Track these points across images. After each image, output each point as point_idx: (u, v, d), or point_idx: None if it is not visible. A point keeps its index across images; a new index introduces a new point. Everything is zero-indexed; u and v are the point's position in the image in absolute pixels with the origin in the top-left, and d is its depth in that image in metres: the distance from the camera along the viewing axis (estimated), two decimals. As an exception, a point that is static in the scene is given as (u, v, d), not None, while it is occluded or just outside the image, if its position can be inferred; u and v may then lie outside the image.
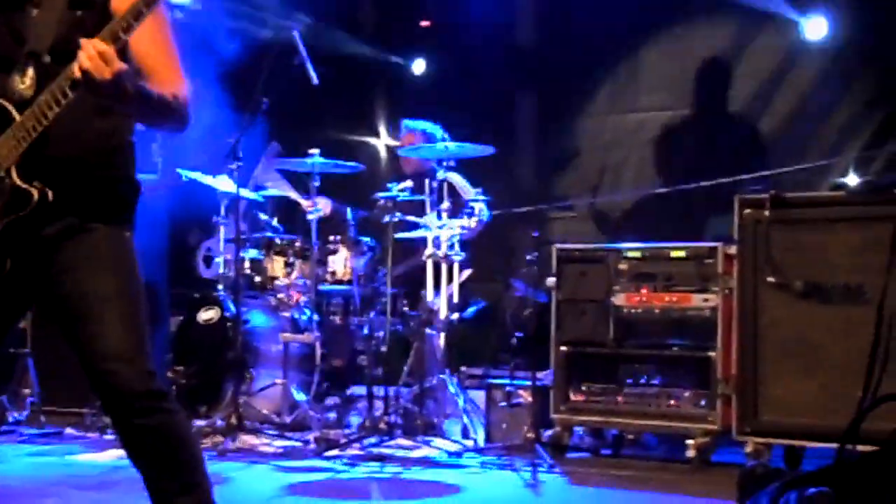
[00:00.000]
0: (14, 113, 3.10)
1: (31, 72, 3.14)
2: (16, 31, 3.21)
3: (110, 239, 3.26)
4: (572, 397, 6.44)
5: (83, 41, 2.96)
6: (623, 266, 6.39)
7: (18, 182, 3.10)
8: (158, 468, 3.24)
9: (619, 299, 6.36)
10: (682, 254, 6.29)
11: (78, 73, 2.95)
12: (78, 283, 3.20)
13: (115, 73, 2.95)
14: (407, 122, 8.26)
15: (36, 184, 3.11)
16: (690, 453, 6.00)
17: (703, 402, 6.10)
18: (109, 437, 6.57)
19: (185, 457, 3.28)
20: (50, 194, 3.12)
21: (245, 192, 7.38)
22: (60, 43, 3.11)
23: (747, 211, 5.89)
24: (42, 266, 3.20)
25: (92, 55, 2.93)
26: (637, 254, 6.40)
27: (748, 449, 5.79)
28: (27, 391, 7.27)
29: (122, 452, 5.60)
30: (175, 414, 3.27)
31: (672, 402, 6.18)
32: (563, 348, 6.48)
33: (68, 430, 6.99)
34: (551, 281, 6.52)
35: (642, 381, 6.29)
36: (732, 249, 6.02)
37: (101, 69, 2.94)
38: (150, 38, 3.26)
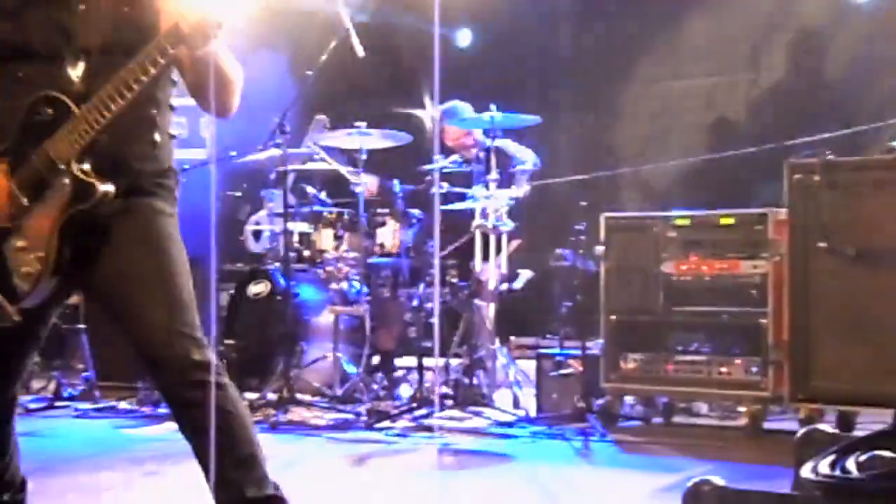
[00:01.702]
0: (73, 106, 3.12)
1: (82, 67, 3.15)
2: (62, 26, 3.22)
3: (154, 218, 3.28)
4: (622, 366, 6.43)
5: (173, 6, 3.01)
6: (672, 234, 6.37)
7: (81, 175, 3.12)
8: (210, 441, 3.25)
9: (667, 267, 6.34)
10: (731, 220, 6.25)
11: (186, 28, 3.00)
12: (124, 262, 3.22)
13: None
14: (445, 107, 8.21)
15: (97, 177, 3.13)
16: (742, 420, 5.99)
17: (754, 369, 6.07)
18: (163, 410, 6.62)
19: (237, 429, 3.28)
20: (111, 190, 3.15)
21: (293, 166, 7.39)
22: (110, 39, 3.13)
23: (797, 176, 5.84)
24: (90, 249, 3.23)
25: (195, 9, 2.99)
26: (686, 221, 6.37)
27: (801, 415, 5.76)
28: (81, 366, 7.34)
29: (174, 426, 5.71)
30: (226, 387, 3.27)
31: (723, 369, 6.16)
32: (612, 317, 6.47)
33: (122, 405, 7.04)
34: (600, 250, 6.51)
35: (692, 348, 6.27)
36: (782, 215, 5.99)
37: (210, 28, 3.01)
38: None
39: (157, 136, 3.33)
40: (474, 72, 9.33)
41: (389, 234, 7.38)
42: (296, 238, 7.39)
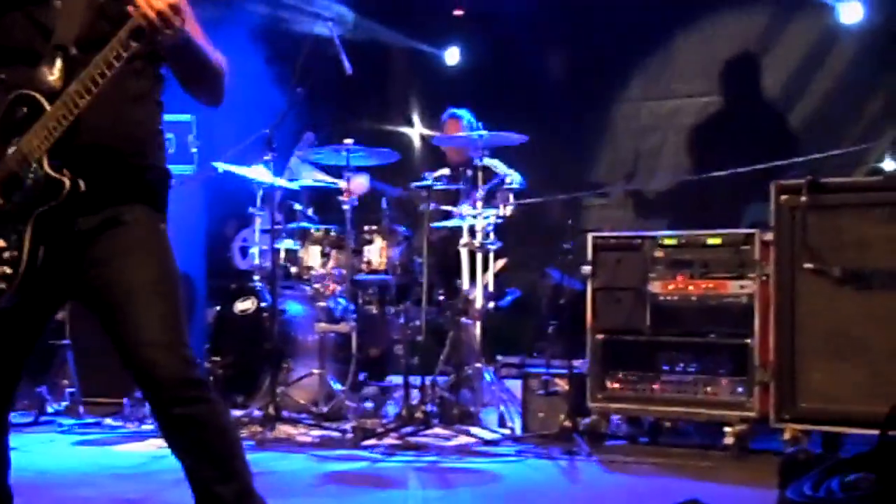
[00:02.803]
0: (45, 104, 3.12)
1: (59, 63, 3.14)
2: (41, 24, 3.22)
3: (144, 230, 3.28)
4: (609, 385, 6.43)
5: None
6: (659, 253, 6.38)
7: (50, 171, 3.11)
8: (198, 457, 3.25)
9: (655, 287, 6.35)
10: (718, 241, 6.26)
11: (150, 15, 2.98)
12: (114, 275, 3.21)
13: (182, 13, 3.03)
14: (453, 109, 8.25)
15: (66, 173, 3.13)
16: (728, 441, 5.99)
17: (740, 390, 6.08)
18: (148, 427, 6.61)
19: (225, 446, 3.29)
20: (81, 184, 3.13)
21: (280, 183, 7.39)
22: (86, 33, 3.12)
23: (784, 197, 5.87)
24: (77, 259, 3.21)
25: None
26: (673, 241, 6.38)
27: (786, 436, 5.76)
28: (66, 382, 7.31)
29: (160, 442, 5.65)
30: (214, 403, 3.27)
31: (709, 389, 6.17)
32: (599, 336, 6.47)
33: (107, 421, 7.01)
34: (587, 269, 6.51)
35: (679, 368, 6.27)
36: (769, 236, 6.00)
37: (174, 14, 3.00)
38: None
39: (146, 131, 3.33)
40: (462, 90, 9.36)
41: (377, 252, 7.38)
42: (283, 255, 7.39)
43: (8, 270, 3.14)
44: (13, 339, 3.35)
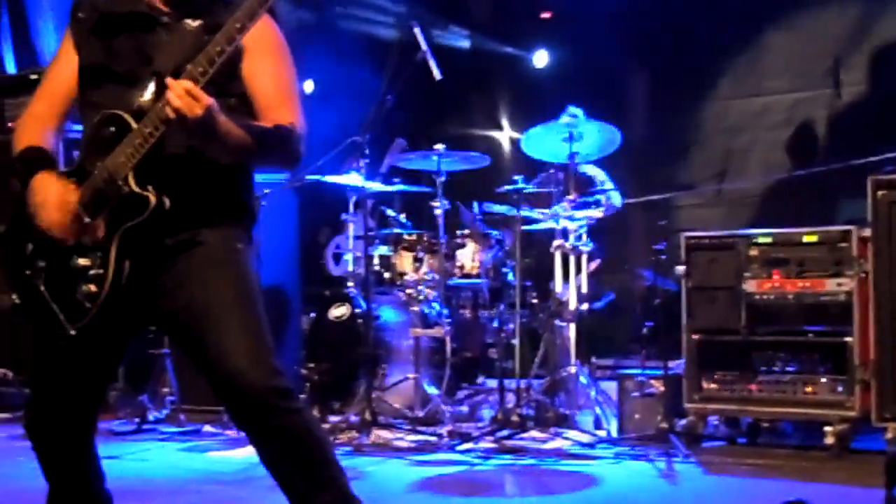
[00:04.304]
0: (132, 122, 3.17)
1: (151, 87, 3.19)
2: (144, 52, 3.29)
3: (220, 250, 3.32)
4: (705, 386, 6.38)
5: (170, 81, 3.03)
6: (754, 252, 6.32)
7: (136, 188, 3.16)
8: (291, 467, 3.25)
9: (750, 286, 6.28)
10: (814, 238, 6.19)
11: (171, 113, 3.02)
12: (196, 293, 3.25)
13: (204, 108, 3.02)
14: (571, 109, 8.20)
15: (152, 190, 3.17)
16: (829, 440, 5.91)
17: (840, 389, 6.00)
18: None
19: (317, 453, 3.30)
20: (167, 201, 3.18)
21: (373, 189, 7.43)
22: (183, 66, 3.15)
23: (881, 192, 5.79)
24: (156, 281, 3.26)
25: (180, 94, 3.00)
26: (768, 239, 6.31)
27: (889, 435, 5.68)
28: (166, 390, 7.42)
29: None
30: (303, 412, 3.29)
31: (808, 388, 6.09)
32: (694, 336, 6.42)
33: (207, 428, 7.11)
34: (681, 269, 6.47)
35: (776, 368, 6.21)
36: (866, 232, 5.92)
37: (190, 106, 3.00)
38: (266, 71, 3.34)
39: (231, 164, 3.37)
40: (551, 93, 9.34)
41: (469, 256, 7.40)
42: (376, 261, 7.43)
43: (93, 288, 3.19)
44: (96, 360, 3.40)
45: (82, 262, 3.21)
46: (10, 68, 9.91)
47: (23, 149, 3.39)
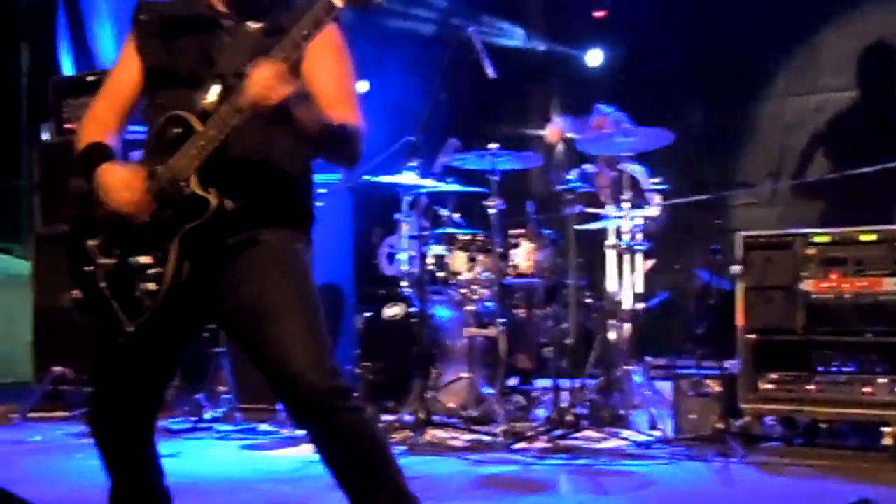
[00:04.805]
0: (196, 124, 3.20)
1: (215, 89, 3.23)
2: (207, 54, 3.34)
3: (279, 250, 3.35)
4: (761, 386, 6.33)
5: (256, 63, 3.06)
6: (811, 251, 6.26)
7: (197, 190, 3.19)
8: (349, 466, 3.28)
9: (807, 285, 6.23)
10: (872, 237, 6.12)
11: (249, 94, 3.05)
12: (255, 293, 3.28)
13: (283, 95, 3.05)
14: (600, 106, 8.20)
15: (213, 191, 3.20)
16: (887, 441, 5.85)
17: (899, 389, 5.94)
18: (302, 432, 6.69)
19: (375, 452, 3.33)
20: (228, 203, 3.21)
21: (426, 188, 7.45)
22: (246, 68, 3.18)
23: (941, 191, 5.73)
24: (216, 281, 3.30)
25: (265, 76, 3.03)
26: (825, 238, 6.25)
27: (949, 436, 5.62)
28: (223, 389, 7.46)
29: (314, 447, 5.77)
30: (361, 411, 3.32)
31: (866, 389, 6.03)
32: (750, 336, 6.37)
33: (262, 427, 7.14)
34: (737, 268, 6.42)
35: (834, 368, 6.15)
36: (926, 231, 5.86)
37: (271, 90, 3.04)
38: (327, 70, 3.36)
39: (295, 162, 3.40)
40: (603, 91, 9.31)
41: (523, 255, 7.39)
42: (430, 260, 7.43)
43: (153, 286, 3.23)
44: (159, 356, 3.45)
45: (143, 260, 3.25)
46: (68, 70, 10.02)
47: (85, 146, 3.44)
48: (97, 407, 3.51)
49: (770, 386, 6.30)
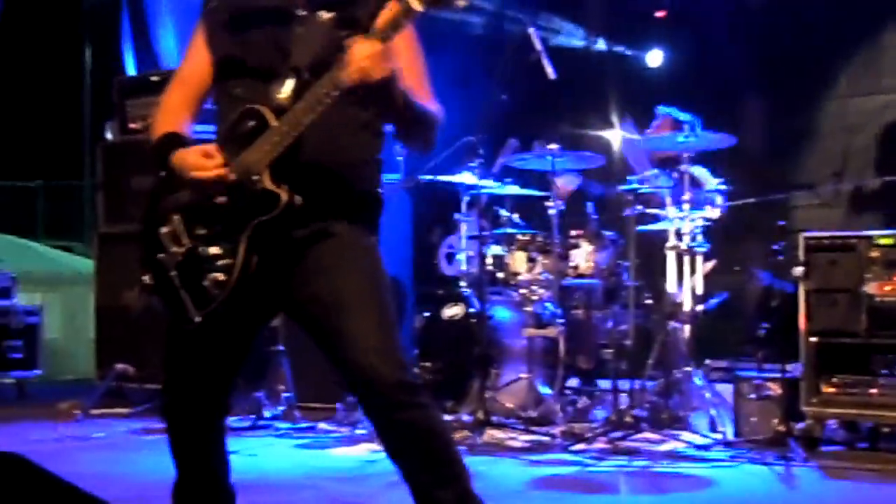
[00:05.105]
0: (271, 119, 3.22)
1: (290, 83, 3.25)
2: (281, 45, 3.34)
3: (351, 242, 3.36)
4: (824, 389, 6.27)
5: (356, 40, 3.06)
6: (875, 253, 6.19)
7: (269, 185, 3.22)
8: (416, 461, 3.30)
9: (871, 288, 6.16)
10: (937, 239, 6.06)
11: (353, 73, 3.05)
12: (328, 284, 3.29)
13: (390, 70, 3.07)
14: (662, 107, 8.14)
15: (284, 187, 3.22)
16: (952, 446, 5.79)
17: (964, 393, 5.87)
18: (361, 431, 6.72)
19: (442, 449, 3.33)
20: (298, 199, 3.23)
21: (486, 189, 7.45)
22: (320, 60, 3.20)
23: None
24: (286, 272, 3.32)
25: (369, 54, 3.04)
26: (889, 241, 6.18)
27: None
28: (282, 387, 7.49)
29: (374, 446, 5.80)
30: (430, 407, 3.32)
31: (931, 393, 5.97)
32: (812, 339, 6.32)
33: (322, 425, 7.15)
34: (799, 270, 6.36)
35: (898, 372, 6.09)
36: None
37: (376, 67, 3.05)
38: (405, 66, 3.33)
39: (366, 157, 3.42)
40: (664, 92, 9.26)
41: (583, 256, 7.37)
42: (489, 260, 7.43)
43: (221, 277, 3.25)
44: (227, 347, 3.48)
45: (212, 250, 3.28)
46: (131, 70, 10.11)
47: (160, 136, 3.48)
48: (168, 396, 3.55)
49: (832, 389, 6.25)
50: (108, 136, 8.85)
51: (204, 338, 3.38)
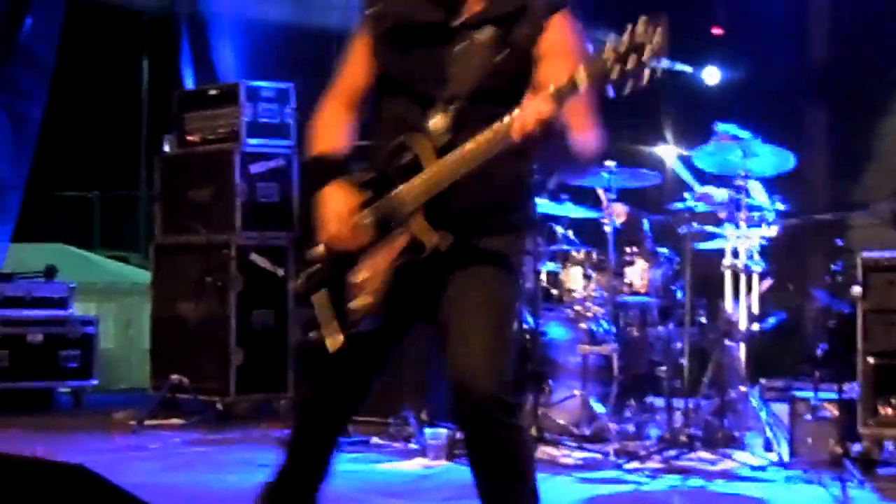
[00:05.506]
0: (427, 158, 3.23)
1: (449, 115, 3.25)
2: (440, 69, 3.31)
3: (495, 256, 3.38)
4: (881, 411, 6.21)
5: (527, 103, 3.03)
6: (934, 274, 6.14)
7: (416, 233, 3.24)
8: (495, 479, 3.34)
9: (930, 309, 6.11)
10: None
11: (519, 134, 3.02)
12: (454, 293, 3.33)
13: (551, 132, 3.05)
14: (721, 125, 8.08)
15: (431, 234, 3.24)
16: None
17: None
18: (414, 446, 6.72)
19: (525, 473, 3.39)
20: (444, 245, 3.25)
21: (542, 206, 7.43)
22: (480, 86, 3.21)
23: None
24: (430, 284, 3.34)
25: (539, 117, 3.01)
26: (948, 262, 6.12)
27: None
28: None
29: (426, 461, 5.81)
30: (522, 431, 3.38)
31: None
32: (870, 360, 6.26)
33: (374, 440, 7.16)
34: (857, 290, 6.31)
35: (956, 394, 6.02)
36: None
37: (545, 131, 3.02)
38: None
39: (520, 184, 3.46)
40: (720, 110, 9.21)
41: (638, 274, 7.34)
42: (544, 277, 7.42)
43: (361, 305, 3.32)
44: (366, 356, 3.51)
45: (357, 278, 3.33)
46: (189, 83, 10.20)
47: (313, 157, 3.51)
48: (306, 393, 3.68)
49: (890, 411, 6.18)
50: (167, 148, 8.93)
51: (347, 350, 3.41)
